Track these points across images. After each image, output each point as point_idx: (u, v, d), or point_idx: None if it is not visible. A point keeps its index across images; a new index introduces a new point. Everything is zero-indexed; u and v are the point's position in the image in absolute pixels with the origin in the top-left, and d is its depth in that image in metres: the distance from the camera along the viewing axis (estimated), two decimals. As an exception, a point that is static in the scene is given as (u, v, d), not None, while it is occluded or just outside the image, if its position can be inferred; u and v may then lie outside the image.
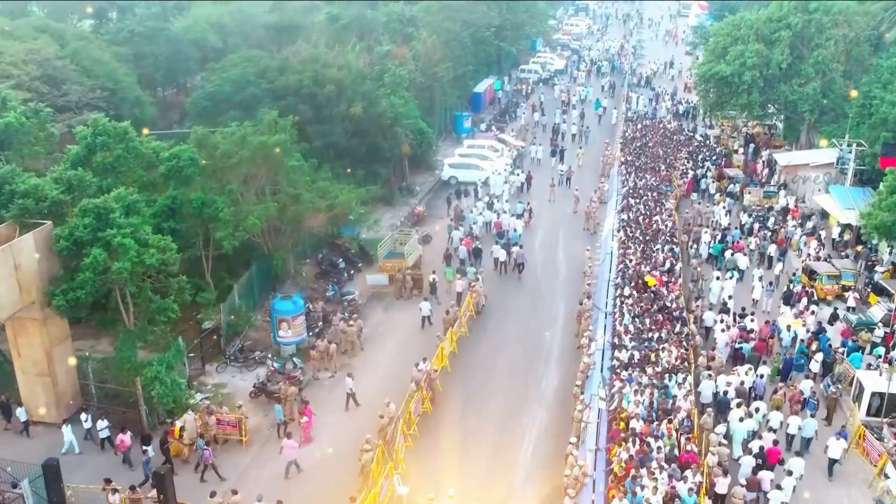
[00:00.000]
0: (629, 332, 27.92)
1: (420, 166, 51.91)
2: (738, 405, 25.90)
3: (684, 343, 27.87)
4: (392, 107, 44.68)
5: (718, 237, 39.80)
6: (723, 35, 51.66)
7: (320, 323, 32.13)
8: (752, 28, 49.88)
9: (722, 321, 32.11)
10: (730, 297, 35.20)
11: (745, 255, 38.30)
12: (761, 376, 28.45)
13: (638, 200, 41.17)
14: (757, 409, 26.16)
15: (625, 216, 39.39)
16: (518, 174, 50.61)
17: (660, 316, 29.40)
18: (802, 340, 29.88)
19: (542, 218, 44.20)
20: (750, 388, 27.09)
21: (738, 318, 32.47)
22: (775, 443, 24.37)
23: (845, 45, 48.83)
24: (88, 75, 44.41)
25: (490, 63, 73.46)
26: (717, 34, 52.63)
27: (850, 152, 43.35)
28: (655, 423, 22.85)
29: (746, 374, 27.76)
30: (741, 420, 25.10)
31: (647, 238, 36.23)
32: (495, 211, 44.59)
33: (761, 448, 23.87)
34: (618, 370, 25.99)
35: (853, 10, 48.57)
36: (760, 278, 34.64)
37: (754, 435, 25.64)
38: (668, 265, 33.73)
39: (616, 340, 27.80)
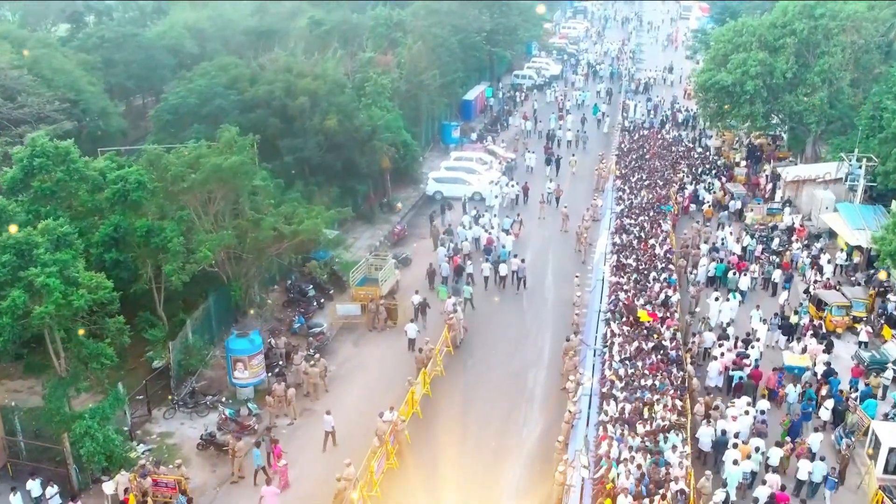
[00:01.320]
0: (620, 378, 25.09)
1: (404, 180, 49.15)
2: (735, 445, 23.52)
3: (680, 391, 25.05)
4: (370, 119, 41.92)
5: (720, 258, 37.20)
6: (723, 42, 48.87)
7: (281, 361, 29.35)
8: (755, 34, 47.09)
9: (721, 345, 29.78)
10: (731, 322, 32.64)
11: (746, 275, 35.68)
12: (762, 412, 25.94)
13: (633, 221, 38.33)
14: (757, 449, 23.68)
15: (618, 239, 36.57)
16: (513, 186, 47.95)
17: (654, 357, 26.58)
18: (809, 385, 27.06)
19: (531, 238, 41.40)
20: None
21: (739, 344, 30.09)
22: (783, 488, 21.87)
23: (853, 52, 46.07)
24: (49, 85, 41.70)
25: (482, 69, 70.72)
26: (718, 41, 49.84)
27: (860, 167, 40.58)
28: (646, 499, 19.99)
29: (746, 413, 25.18)
30: (735, 463, 22.54)
31: (642, 267, 33.37)
32: (482, 226, 41.93)
33: (771, 496, 21.33)
34: (606, 425, 23.18)
35: (862, 15, 45.73)
36: (758, 306, 31.63)
37: (754, 477, 23.09)
38: (663, 297, 30.89)
39: (605, 388, 24.96)
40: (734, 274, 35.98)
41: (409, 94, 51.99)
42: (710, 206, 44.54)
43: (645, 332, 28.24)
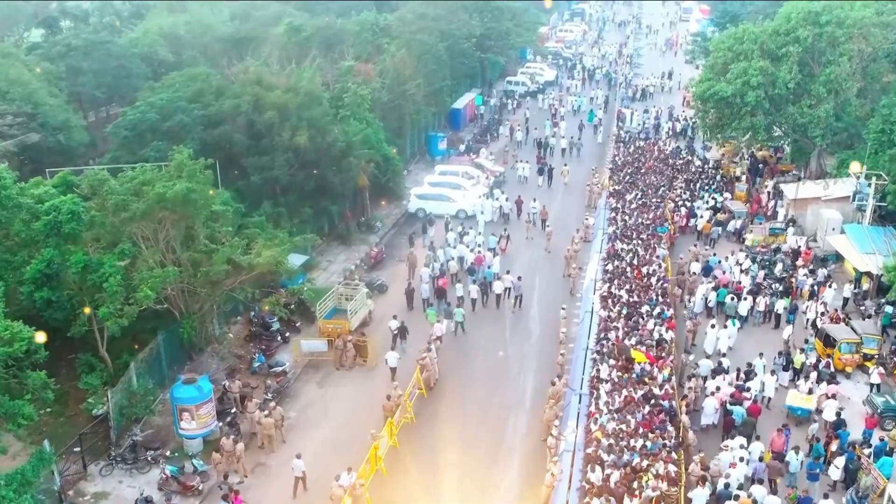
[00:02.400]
0: (606, 435, 22.38)
1: (385, 196, 46.47)
2: (736, 497, 21.20)
3: (674, 449, 22.38)
4: (346, 134, 39.26)
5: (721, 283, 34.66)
6: (723, 49, 46.18)
7: (234, 408, 26.69)
8: (757, 42, 44.39)
9: (716, 375, 27.58)
10: (729, 349, 30.30)
11: (746, 299, 33.18)
12: (761, 458, 23.53)
13: (626, 246, 35.61)
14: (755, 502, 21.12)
15: (609, 266, 33.87)
16: (506, 200, 45.37)
17: (646, 409, 23.89)
18: (817, 439, 24.38)
19: (517, 261, 38.69)
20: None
21: (739, 375, 27.78)
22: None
23: (861, 61, 43.42)
24: (3, 98, 39.18)
25: (473, 75, 68.07)
26: (718, 48, 47.15)
27: (869, 185, 37.89)
28: None
29: (741, 460, 22.64)
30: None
31: (634, 300, 30.64)
32: (467, 244, 39.35)
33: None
34: (589, 493, 20.50)
35: (870, 21, 43.04)
36: (761, 355, 28.83)
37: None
38: (657, 336, 28.19)
39: (590, 449, 22.22)
40: (733, 299, 33.45)
41: (392, 104, 49.37)
42: (707, 222, 41.94)
43: (635, 376, 25.51)
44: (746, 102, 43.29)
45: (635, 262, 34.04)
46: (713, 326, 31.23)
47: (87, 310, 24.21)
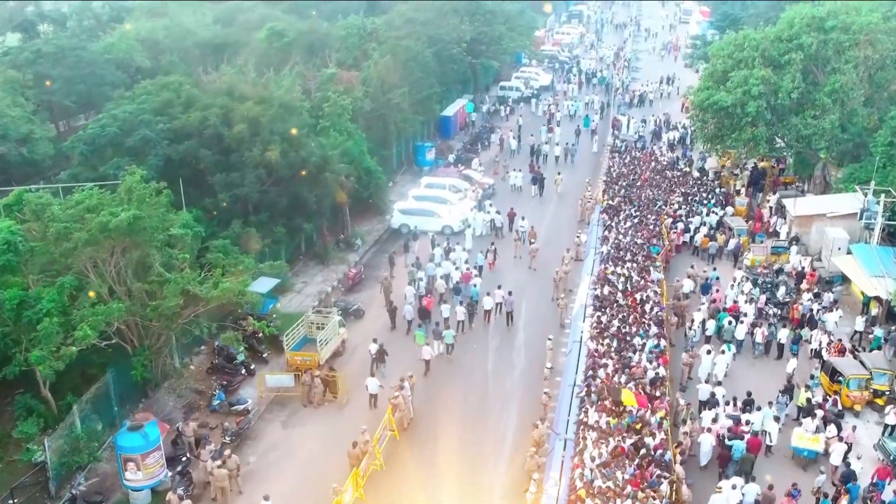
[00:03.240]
0: (591, 495, 20.14)
1: (367, 211, 44.30)
2: None
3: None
4: (321, 147, 37.03)
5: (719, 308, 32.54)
6: (723, 56, 43.95)
7: (187, 455, 24.48)
8: (758, 49, 42.19)
9: (711, 407, 25.78)
10: (725, 376, 28.31)
11: (743, 322, 31.15)
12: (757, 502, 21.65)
13: (619, 268, 33.37)
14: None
15: (600, 292, 31.62)
16: (497, 213, 43.30)
17: (636, 462, 21.66)
18: (825, 494, 22.17)
19: (503, 281, 36.17)
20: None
21: (736, 406, 25.97)
22: None
23: (867, 68, 41.19)
24: (-39, 109, 37.12)
25: (465, 81, 65.85)
26: (717, 55, 44.89)
27: (878, 203, 35.69)
28: None
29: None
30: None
31: (625, 331, 28.40)
32: (452, 261, 37.22)
33: None
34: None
35: (877, 27, 40.86)
36: (771, 403, 26.52)
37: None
38: (651, 374, 25.96)
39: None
40: (730, 323, 31.32)
41: (376, 113, 47.17)
42: (705, 236, 39.78)
43: (625, 424, 23.26)
44: (747, 113, 41.11)
45: (628, 287, 31.77)
46: (708, 352, 29.22)
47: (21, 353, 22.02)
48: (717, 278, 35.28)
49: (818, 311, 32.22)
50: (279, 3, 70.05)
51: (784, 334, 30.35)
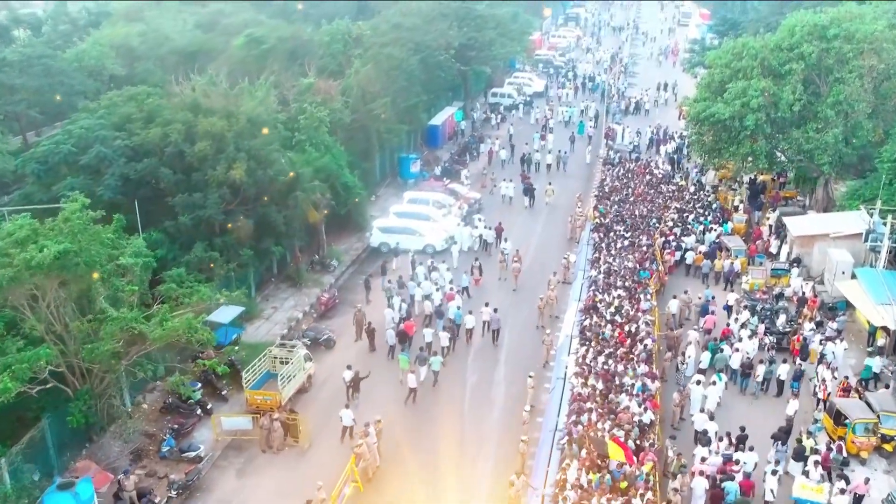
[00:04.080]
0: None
1: (346, 228, 42.12)
2: None
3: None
4: (293, 164, 34.87)
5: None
6: (720, 66, 41.72)
7: (127, 514, 22.34)
8: (757, 58, 39.97)
9: (703, 444, 23.91)
10: (717, 406, 26.61)
11: (737, 349, 29.14)
12: None
13: (608, 296, 31.15)
14: None
15: (587, 321, 29.43)
16: (486, 227, 41.35)
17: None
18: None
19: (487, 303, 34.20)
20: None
21: (731, 442, 24.12)
22: None
23: (872, 79, 38.96)
24: None
25: (455, 88, 63.65)
26: (715, 64, 42.66)
27: (885, 224, 33.49)
28: None
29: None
30: None
31: (612, 370, 26.17)
32: (434, 281, 35.16)
33: None
34: None
35: (882, 35, 38.60)
36: (774, 463, 24.27)
37: None
38: (639, 420, 23.76)
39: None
40: (722, 350, 29.32)
41: (357, 125, 45.00)
42: (699, 254, 37.64)
43: (608, 480, 21.07)
44: (745, 126, 38.90)
45: (617, 318, 29.57)
46: (699, 383, 27.31)
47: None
48: (713, 297, 33.49)
49: (821, 341, 29.98)
50: (266, 7, 68.21)
51: (784, 370, 28.11)
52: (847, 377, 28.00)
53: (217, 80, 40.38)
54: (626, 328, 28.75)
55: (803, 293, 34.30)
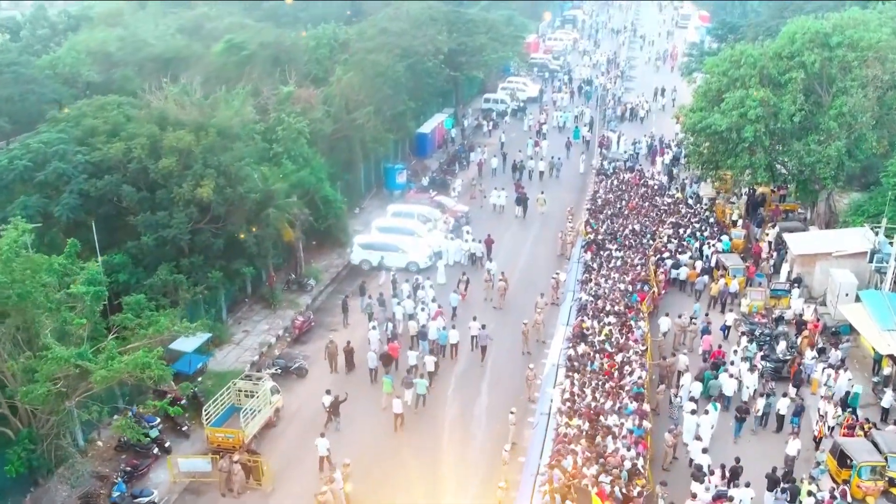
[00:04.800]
0: None
1: (326, 244, 40.34)
2: None
3: None
4: (265, 180, 33.07)
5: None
6: (717, 74, 39.90)
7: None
8: (756, 66, 38.19)
9: (700, 475, 22.40)
10: (711, 436, 25.10)
11: (731, 375, 27.61)
12: None
13: (597, 323, 29.31)
14: None
15: (574, 352, 27.58)
16: (474, 240, 39.89)
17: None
18: None
19: (464, 342, 32.31)
20: None
21: (725, 475, 22.79)
22: None
23: (876, 89, 37.13)
24: None
25: (446, 94, 61.84)
26: (712, 71, 40.85)
27: (891, 244, 31.71)
28: None
29: None
30: None
31: (599, 407, 24.33)
32: (420, 300, 33.62)
33: None
34: None
35: (887, 44, 36.81)
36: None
37: None
38: (629, 464, 21.94)
39: None
40: (716, 377, 27.75)
41: (340, 135, 43.20)
42: (693, 270, 35.89)
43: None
44: (744, 138, 37.09)
45: (607, 346, 27.74)
46: (693, 412, 25.64)
47: None
48: (706, 314, 32.27)
49: (824, 371, 28.16)
50: (255, 10, 66.57)
51: (784, 404, 26.27)
52: (851, 412, 26.12)
53: (191, 89, 38.54)
54: (617, 357, 26.87)
55: (803, 314, 32.47)
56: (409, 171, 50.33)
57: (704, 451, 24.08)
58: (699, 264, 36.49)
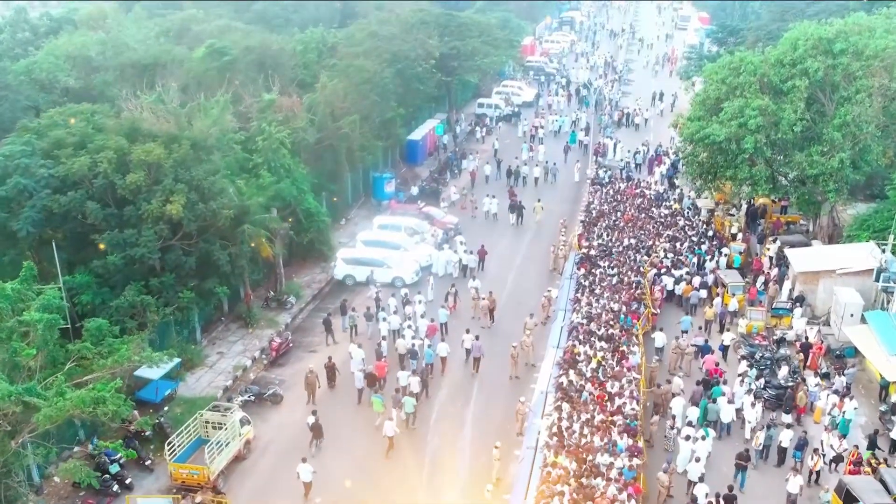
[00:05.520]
0: None
1: (308, 258, 38.80)
2: None
3: None
4: (241, 194, 31.51)
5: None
6: (716, 81, 38.33)
7: None
8: (756, 74, 36.65)
9: None
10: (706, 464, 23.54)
11: (729, 399, 26.42)
12: None
13: (589, 348, 27.74)
14: None
15: (565, 379, 26.00)
16: (466, 251, 38.43)
17: None
18: None
19: (457, 355, 30.83)
20: None
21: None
22: None
23: (882, 98, 35.55)
24: None
25: (438, 99, 60.23)
26: (710, 79, 39.28)
27: (897, 262, 30.22)
28: None
29: None
30: None
31: (588, 444, 22.75)
32: (407, 317, 32.28)
33: None
34: None
35: (893, 52, 35.16)
36: None
37: None
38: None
39: None
40: (713, 400, 26.35)
41: (325, 144, 41.65)
42: (688, 284, 34.39)
43: None
44: (744, 149, 35.52)
45: (599, 374, 26.16)
46: (687, 438, 24.39)
47: None
48: (707, 335, 30.81)
49: (827, 400, 26.60)
50: (244, 13, 65.17)
51: (787, 436, 24.71)
52: (857, 447, 24.55)
53: (168, 97, 36.96)
54: (609, 385, 25.30)
55: (807, 337, 30.90)
56: (399, 179, 48.77)
57: (701, 478, 22.73)
58: (697, 279, 34.97)
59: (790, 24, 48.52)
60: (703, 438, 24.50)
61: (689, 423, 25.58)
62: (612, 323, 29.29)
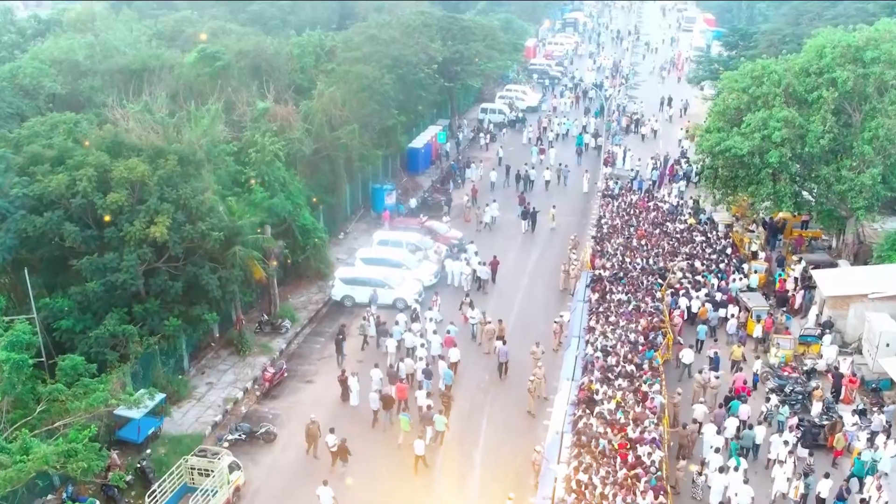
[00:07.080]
0: None
1: (305, 277, 36.66)
2: None
3: None
4: (231, 213, 29.36)
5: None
6: (737, 91, 36.24)
7: None
8: (780, 83, 34.57)
9: None
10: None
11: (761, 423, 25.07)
12: None
13: (608, 388, 25.57)
14: None
15: (583, 423, 23.81)
16: (481, 263, 36.68)
17: None
18: None
19: (462, 383, 28.75)
20: None
21: None
22: None
23: (915, 109, 33.48)
24: None
25: (441, 104, 58.16)
26: (730, 88, 37.17)
27: (935, 287, 28.09)
28: None
29: None
30: None
31: (609, 494, 20.64)
32: (418, 333, 30.63)
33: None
34: None
35: (929, 59, 33.18)
36: None
37: None
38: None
39: None
40: (749, 428, 24.74)
41: (322, 155, 39.51)
42: (703, 306, 32.36)
43: None
44: (768, 164, 33.43)
45: (619, 416, 24.02)
46: (721, 471, 22.71)
47: None
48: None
49: (867, 441, 24.49)
50: (239, 14, 63.24)
51: (826, 486, 22.59)
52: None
53: (155, 106, 34.80)
54: (630, 430, 23.16)
55: (837, 367, 28.80)
56: (400, 190, 46.62)
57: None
58: (718, 296, 32.99)
59: (806, 29, 46.53)
60: (736, 469, 22.62)
61: (717, 450, 23.64)
62: (630, 357, 27.11)
